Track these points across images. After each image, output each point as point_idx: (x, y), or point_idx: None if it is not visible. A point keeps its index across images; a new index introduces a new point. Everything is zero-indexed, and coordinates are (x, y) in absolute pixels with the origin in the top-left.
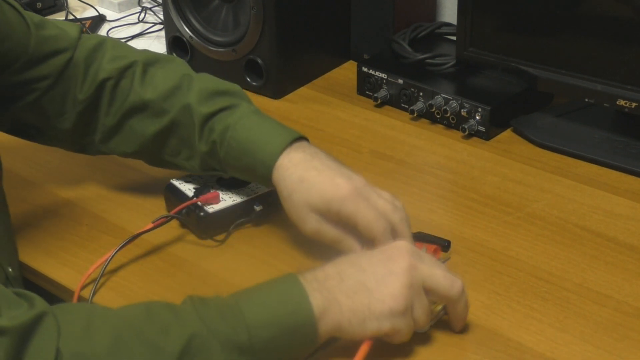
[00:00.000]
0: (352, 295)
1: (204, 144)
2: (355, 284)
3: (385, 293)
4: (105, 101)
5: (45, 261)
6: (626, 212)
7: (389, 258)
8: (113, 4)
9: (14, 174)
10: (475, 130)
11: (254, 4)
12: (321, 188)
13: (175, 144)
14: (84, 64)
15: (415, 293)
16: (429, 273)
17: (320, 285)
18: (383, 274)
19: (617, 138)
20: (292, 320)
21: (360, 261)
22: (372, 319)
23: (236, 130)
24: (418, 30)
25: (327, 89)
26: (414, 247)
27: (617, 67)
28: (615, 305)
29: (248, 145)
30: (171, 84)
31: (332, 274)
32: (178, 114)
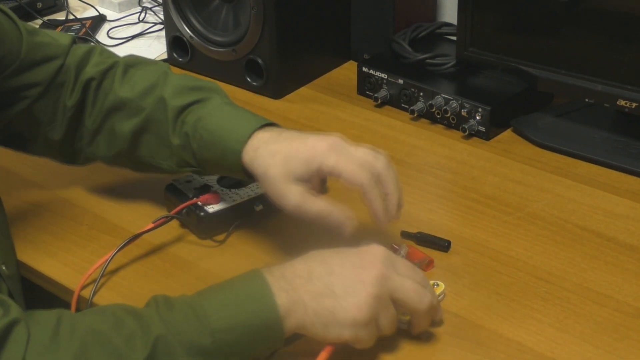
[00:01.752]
0: (318, 298)
1: (177, 137)
2: (322, 287)
3: (350, 302)
4: (89, 103)
5: (45, 261)
6: (626, 212)
7: (361, 264)
8: (113, 3)
9: (14, 174)
10: (475, 130)
11: (254, 4)
12: (296, 153)
13: (152, 143)
14: (74, 70)
15: (382, 304)
16: (400, 285)
17: (287, 283)
18: (352, 280)
19: (617, 138)
20: (257, 321)
21: (332, 261)
22: (335, 325)
23: (207, 121)
24: (418, 30)
25: (327, 89)
26: (389, 254)
27: (617, 67)
28: (615, 306)
29: (217, 134)
30: (148, 83)
31: (301, 272)
32: (153, 110)
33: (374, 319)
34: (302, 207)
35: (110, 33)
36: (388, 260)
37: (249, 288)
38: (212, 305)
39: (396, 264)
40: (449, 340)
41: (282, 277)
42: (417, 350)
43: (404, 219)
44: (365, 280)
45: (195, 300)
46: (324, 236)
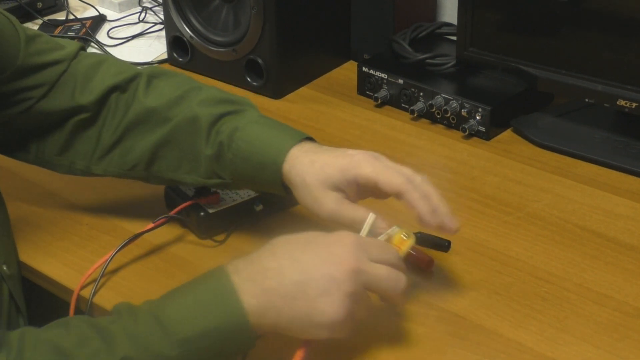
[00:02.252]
0: (290, 302)
1: (210, 147)
2: (295, 288)
3: (325, 303)
4: (106, 114)
5: (45, 261)
6: (626, 212)
7: (332, 259)
8: (113, 3)
9: (14, 174)
10: (475, 130)
11: (254, 3)
12: (334, 162)
13: (174, 156)
14: (82, 77)
15: (357, 299)
16: (373, 276)
17: (256, 286)
18: (325, 279)
19: (617, 138)
20: (225, 328)
21: (303, 258)
22: (311, 327)
23: (245, 131)
24: (418, 30)
25: (327, 89)
26: (360, 241)
27: (617, 67)
28: (615, 306)
29: (257, 144)
30: (177, 93)
31: (271, 272)
32: (181, 122)
33: (351, 314)
34: (337, 213)
35: (110, 33)
36: (359, 249)
37: (215, 292)
38: (177, 313)
39: (368, 249)
40: (449, 340)
41: (250, 280)
42: (417, 350)
43: (404, 219)
44: (338, 277)
45: (160, 308)
46: None
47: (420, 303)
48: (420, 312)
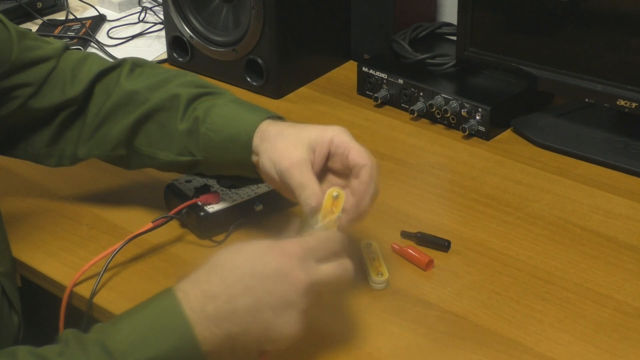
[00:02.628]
0: (246, 327)
1: (185, 122)
2: (249, 316)
3: (283, 324)
4: (91, 101)
5: (45, 261)
6: (626, 212)
7: (282, 278)
8: (113, 3)
9: (14, 174)
10: (475, 130)
11: (254, 4)
12: (311, 127)
13: (153, 132)
14: (71, 72)
15: (313, 307)
16: (325, 281)
17: (208, 319)
18: (279, 303)
19: (617, 138)
20: (177, 357)
21: (254, 285)
22: (269, 344)
23: (220, 107)
24: (418, 30)
25: (327, 89)
26: (305, 248)
27: (617, 67)
28: (615, 306)
29: (231, 117)
30: (159, 78)
31: (221, 299)
32: (161, 100)
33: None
34: (294, 169)
35: (110, 33)
36: (305, 257)
37: (165, 320)
38: (125, 342)
39: (313, 252)
40: (449, 340)
41: (201, 310)
42: (417, 350)
43: (404, 219)
44: (291, 298)
45: (108, 336)
46: None
47: (420, 303)
48: (420, 312)
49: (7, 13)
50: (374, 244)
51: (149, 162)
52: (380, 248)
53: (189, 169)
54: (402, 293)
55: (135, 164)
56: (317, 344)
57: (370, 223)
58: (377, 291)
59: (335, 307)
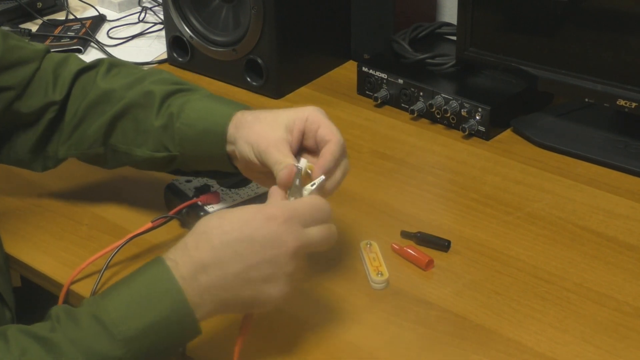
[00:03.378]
0: (236, 292)
1: (160, 118)
2: (238, 280)
3: (272, 287)
4: (73, 97)
5: (45, 260)
6: (626, 212)
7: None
8: (113, 3)
9: (14, 174)
10: (475, 130)
11: (254, 3)
12: (286, 110)
13: (129, 129)
14: (52, 74)
15: (301, 272)
16: (312, 244)
17: (199, 285)
18: (268, 266)
19: (617, 138)
20: (171, 323)
21: (241, 247)
22: (258, 307)
23: (195, 102)
24: (418, 30)
25: (327, 88)
26: (291, 211)
27: (617, 67)
28: (615, 305)
29: (205, 111)
30: (134, 77)
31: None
32: (136, 97)
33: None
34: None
35: (110, 33)
36: (293, 222)
37: (157, 288)
38: (118, 311)
39: (301, 216)
40: (449, 340)
41: (191, 278)
42: (417, 349)
43: (404, 219)
44: (280, 261)
45: (101, 307)
46: None
47: (420, 303)
48: (420, 312)
49: (7, 13)
50: (374, 243)
51: (126, 159)
52: (380, 248)
53: (166, 166)
54: (402, 293)
55: (113, 162)
56: (317, 343)
57: (370, 223)
58: (377, 291)
59: (335, 307)
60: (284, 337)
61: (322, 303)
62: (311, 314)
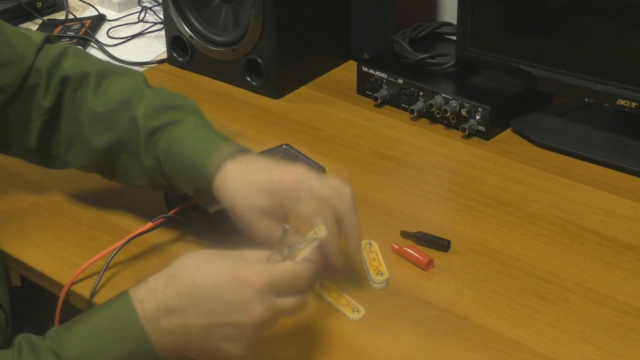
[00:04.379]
0: (196, 344)
1: (149, 159)
2: (199, 334)
3: (232, 347)
4: (66, 107)
5: (45, 260)
6: (626, 212)
7: (238, 306)
8: (113, 3)
9: (14, 174)
10: (475, 130)
11: (254, 3)
12: (261, 186)
13: (126, 161)
14: (46, 73)
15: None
16: (281, 314)
17: (161, 329)
18: (231, 328)
19: (617, 138)
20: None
21: (207, 304)
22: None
23: (178, 147)
24: (418, 30)
25: (327, 88)
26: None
27: (617, 67)
28: (615, 305)
29: (190, 159)
30: (122, 98)
31: (175, 314)
32: (126, 129)
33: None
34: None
35: (110, 33)
36: (267, 292)
37: (121, 326)
38: (79, 349)
39: (277, 287)
40: (449, 340)
41: (154, 321)
42: (417, 349)
43: (404, 219)
44: (245, 329)
45: (62, 343)
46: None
47: (420, 303)
48: (420, 312)
49: (7, 13)
50: (374, 243)
51: (124, 182)
52: (380, 248)
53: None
54: (402, 293)
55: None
56: (316, 343)
57: (370, 223)
58: (377, 291)
59: (335, 307)
60: (283, 337)
61: (322, 303)
62: (311, 313)
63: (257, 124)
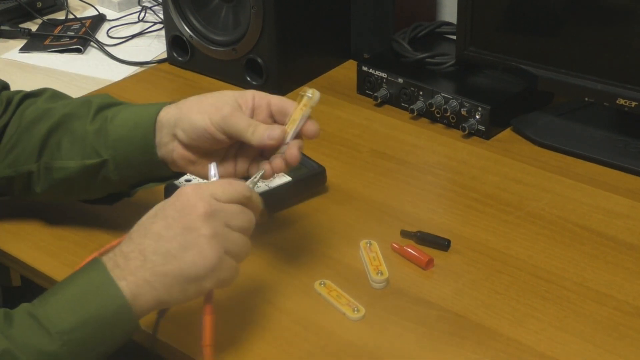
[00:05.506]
0: (160, 270)
1: (94, 123)
2: (159, 258)
3: (192, 255)
4: (11, 123)
5: (45, 260)
6: (626, 211)
7: (181, 213)
8: (113, 3)
9: None
10: (475, 130)
11: (254, 3)
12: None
13: (63, 141)
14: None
15: (222, 237)
16: (226, 210)
17: (123, 271)
18: (182, 235)
19: (617, 137)
20: (106, 315)
21: (156, 228)
22: (190, 284)
23: (130, 107)
24: (418, 30)
25: (327, 88)
26: (198, 187)
27: (617, 66)
28: (615, 305)
29: (137, 109)
30: (75, 100)
31: (132, 255)
32: (73, 109)
33: (223, 255)
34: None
35: (109, 32)
36: (202, 193)
37: (91, 282)
38: (53, 308)
39: (212, 190)
40: (449, 339)
41: (116, 267)
42: (417, 349)
43: (404, 218)
44: (193, 226)
45: (36, 306)
46: (322, 239)
47: (420, 302)
48: (420, 311)
49: (7, 13)
50: (374, 243)
51: (57, 174)
52: (380, 247)
53: (96, 177)
54: (402, 292)
55: (44, 182)
56: (316, 343)
57: (370, 222)
58: (377, 291)
59: (335, 307)
60: (283, 337)
61: (322, 302)
62: (311, 313)
63: None
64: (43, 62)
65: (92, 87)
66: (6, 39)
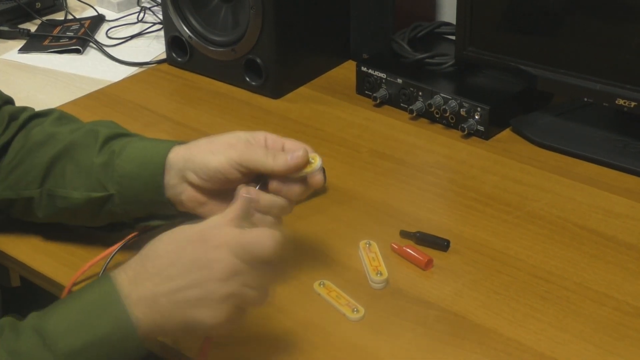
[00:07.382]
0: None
1: (101, 156)
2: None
3: (202, 312)
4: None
5: (45, 261)
6: (625, 211)
7: (203, 263)
8: (112, 3)
9: None
10: (474, 130)
11: (253, 3)
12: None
13: (67, 170)
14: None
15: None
16: (250, 273)
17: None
18: (197, 289)
19: (617, 137)
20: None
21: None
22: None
23: (138, 142)
24: (417, 30)
25: (326, 88)
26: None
27: (616, 66)
28: (615, 305)
29: (146, 147)
30: (82, 124)
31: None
32: (80, 138)
33: (233, 310)
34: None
35: (109, 33)
36: (227, 249)
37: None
38: (60, 326)
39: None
40: (449, 340)
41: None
42: (417, 349)
43: (403, 219)
44: (211, 288)
45: (43, 321)
46: (321, 239)
47: (419, 303)
48: (419, 311)
49: (6, 13)
50: (373, 243)
51: (61, 203)
52: (379, 248)
53: (101, 210)
54: (401, 293)
55: (46, 209)
56: (316, 343)
57: (369, 222)
58: (376, 291)
59: (334, 307)
60: (283, 337)
61: (322, 302)
62: (311, 313)
63: (257, 124)
64: (42, 63)
65: (92, 87)
66: (5, 39)
